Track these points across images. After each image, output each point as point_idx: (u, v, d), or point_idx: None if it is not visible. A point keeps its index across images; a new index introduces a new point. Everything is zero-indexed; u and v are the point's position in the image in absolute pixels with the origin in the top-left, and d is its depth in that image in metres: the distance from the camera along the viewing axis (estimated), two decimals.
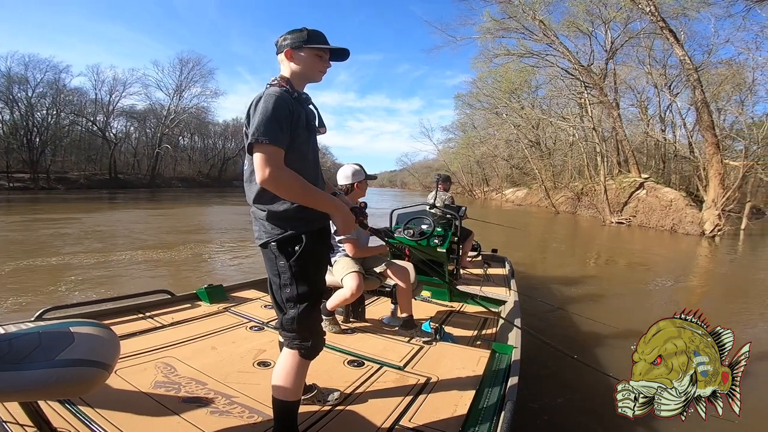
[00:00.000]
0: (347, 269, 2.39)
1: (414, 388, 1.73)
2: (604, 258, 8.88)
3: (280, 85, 1.30)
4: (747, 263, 8.75)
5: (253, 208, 1.33)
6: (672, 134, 21.95)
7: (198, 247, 7.60)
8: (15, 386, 0.94)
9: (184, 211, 15.86)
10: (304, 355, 1.31)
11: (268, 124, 1.16)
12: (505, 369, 1.93)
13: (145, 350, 1.91)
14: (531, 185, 29.98)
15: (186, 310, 2.55)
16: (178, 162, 41.09)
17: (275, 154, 1.17)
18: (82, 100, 33.05)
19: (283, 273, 1.29)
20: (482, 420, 1.52)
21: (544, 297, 4.83)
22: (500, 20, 19.77)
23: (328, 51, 1.37)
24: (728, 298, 5.72)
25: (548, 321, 4.01)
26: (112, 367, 1.10)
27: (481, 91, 30.14)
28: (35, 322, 1.21)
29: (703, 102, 13.68)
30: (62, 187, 28.08)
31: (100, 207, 16.73)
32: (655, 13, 14.04)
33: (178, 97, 37.47)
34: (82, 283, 4.81)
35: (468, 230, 4.37)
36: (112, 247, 7.12)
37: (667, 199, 15.19)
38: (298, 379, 1.30)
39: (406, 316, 2.52)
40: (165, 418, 1.40)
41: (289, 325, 1.30)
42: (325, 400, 1.59)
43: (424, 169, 58.24)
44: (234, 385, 1.65)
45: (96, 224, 10.45)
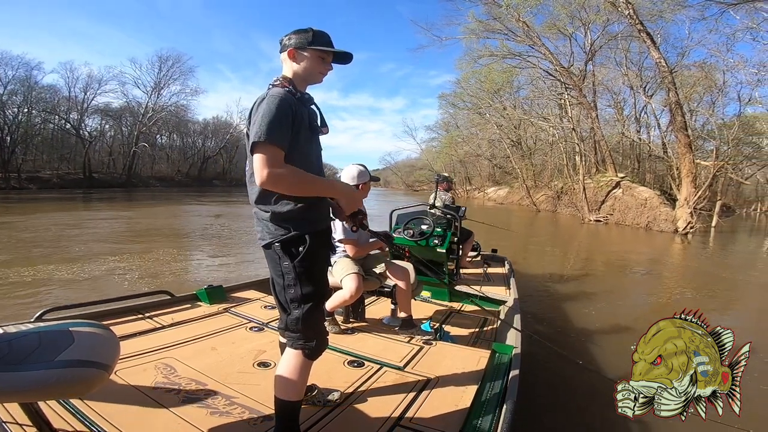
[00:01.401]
0: (347, 270, 2.39)
1: (414, 389, 1.74)
2: (587, 256, 9.16)
3: (282, 86, 1.29)
4: (717, 260, 9.14)
5: (255, 209, 1.33)
6: (647, 135, 22.75)
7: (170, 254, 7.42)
8: (15, 387, 0.94)
9: (153, 211, 15.43)
10: (308, 355, 1.31)
11: (269, 124, 1.16)
12: (505, 369, 1.94)
13: (145, 351, 1.89)
14: (512, 184, 30.57)
15: (186, 310, 2.54)
16: (156, 161, 40.02)
17: (275, 155, 1.16)
18: (55, 98, 31.83)
19: (287, 274, 1.29)
20: (482, 420, 1.53)
21: (540, 295, 4.94)
22: (485, 21, 20.10)
23: (331, 54, 1.36)
24: (698, 292, 6.00)
25: (547, 320, 4.05)
26: (112, 367, 1.10)
27: (465, 91, 30.53)
28: (35, 323, 1.18)
29: (676, 103, 14.22)
30: (34, 186, 27.02)
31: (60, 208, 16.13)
32: (633, 16, 14.51)
33: (156, 94, 36.45)
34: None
35: (469, 231, 4.40)
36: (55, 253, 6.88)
37: (642, 198, 15.76)
38: (301, 378, 1.30)
39: (405, 316, 2.53)
40: (165, 418, 1.39)
41: (294, 325, 1.30)
42: (326, 400, 1.59)
43: (407, 168, 58.57)
44: (234, 386, 1.65)
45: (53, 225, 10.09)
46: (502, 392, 1.71)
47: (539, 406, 2.38)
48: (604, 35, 18.99)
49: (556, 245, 10.63)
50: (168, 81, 36.76)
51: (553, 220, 17.84)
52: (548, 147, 26.87)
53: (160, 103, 36.89)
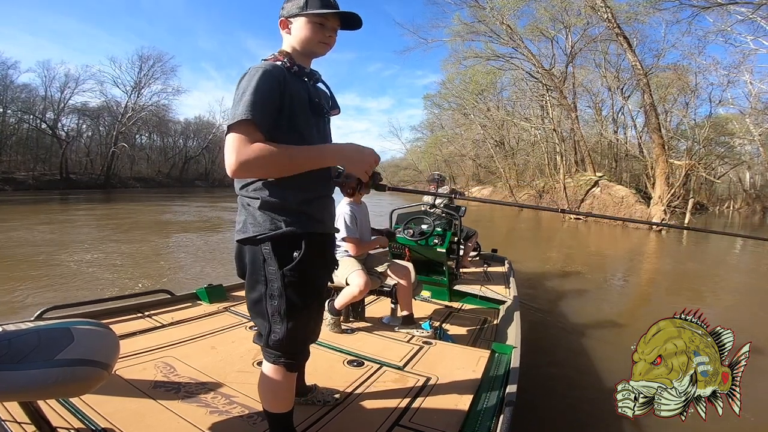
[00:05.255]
0: (351, 268, 2.40)
1: (414, 388, 1.73)
2: (573, 253, 9.32)
3: (275, 59, 1.11)
4: (685, 257, 9.53)
5: (240, 196, 1.12)
6: (624, 135, 23.45)
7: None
8: (14, 386, 0.94)
9: (136, 210, 15.11)
10: (291, 369, 1.16)
11: (244, 102, 0.97)
12: (505, 369, 1.93)
13: (144, 350, 1.88)
14: (496, 183, 31.02)
15: (186, 309, 2.52)
16: (135, 161, 39.03)
17: (247, 135, 0.96)
18: (30, 97, 30.78)
19: (272, 281, 1.07)
20: (482, 419, 1.52)
21: (537, 294, 5.00)
22: (470, 23, 20.41)
23: (335, 18, 1.14)
24: (671, 288, 6.26)
25: (546, 319, 4.06)
26: (112, 366, 1.09)
27: (450, 92, 30.82)
28: (35, 322, 1.18)
29: (651, 105, 14.74)
30: (9, 188, 26.08)
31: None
32: (611, 20, 14.95)
33: (136, 94, 35.52)
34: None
35: (472, 230, 4.38)
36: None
37: (619, 196, 16.29)
38: (287, 390, 1.18)
39: (406, 313, 2.55)
40: (164, 417, 1.39)
41: (276, 344, 1.10)
42: (325, 400, 1.57)
43: (392, 168, 58.62)
44: (233, 385, 1.64)
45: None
46: (501, 392, 1.71)
47: (539, 405, 2.37)
48: (584, 38, 19.55)
49: (540, 242, 10.86)
50: (149, 80, 35.88)
51: (536, 218, 18.18)
52: (530, 147, 27.43)
53: (141, 102, 35.95)
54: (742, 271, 7.91)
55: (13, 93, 29.35)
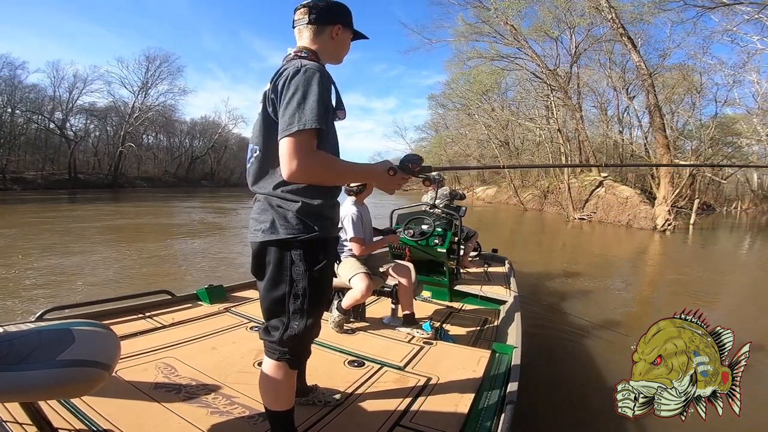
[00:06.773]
0: (354, 270, 2.40)
1: (414, 389, 1.73)
2: (577, 253, 9.28)
3: (310, 58, 1.12)
4: (689, 258, 9.44)
5: (268, 197, 1.12)
6: (629, 135, 23.26)
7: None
8: (15, 387, 0.94)
9: (144, 211, 15.25)
10: (294, 366, 1.20)
11: (310, 105, 0.99)
12: (506, 369, 1.92)
13: (145, 350, 1.88)
14: (500, 183, 30.90)
15: (186, 310, 2.53)
16: (142, 161, 39.37)
17: (310, 142, 0.99)
18: (39, 97, 31.14)
19: (298, 281, 1.11)
20: (483, 420, 1.52)
21: (538, 294, 5.00)
22: (473, 24, 20.33)
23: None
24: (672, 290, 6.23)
25: (547, 319, 4.07)
26: (113, 367, 1.10)
27: (454, 92, 30.70)
28: (36, 323, 1.17)
29: (655, 105, 14.62)
30: (18, 187, 26.41)
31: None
32: (615, 20, 14.85)
33: (143, 94, 35.86)
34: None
35: (472, 230, 4.39)
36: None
37: (624, 197, 16.16)
38: (288, 388, 1.22)
39: (407, 313, 2.55)
40: (165, 418, 1.39)
41: (290, 340, 1.14)
42: (326, 400, 1.57)
43: None
44: (234, 386, 1.65)
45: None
46: (502, 392, 1.70)
47: (540, 405, 2.37)
48: (589, 38, 19.38)
49: (545, 242, 10.83)
50: (156, 81, 36.22)
51: (540, 218, 18.12)
52: (535, 147, 27.27)
53: (148, 102, 36.31)
54: (749, 269, 7.86)
55: (22, 93, 29.69)
